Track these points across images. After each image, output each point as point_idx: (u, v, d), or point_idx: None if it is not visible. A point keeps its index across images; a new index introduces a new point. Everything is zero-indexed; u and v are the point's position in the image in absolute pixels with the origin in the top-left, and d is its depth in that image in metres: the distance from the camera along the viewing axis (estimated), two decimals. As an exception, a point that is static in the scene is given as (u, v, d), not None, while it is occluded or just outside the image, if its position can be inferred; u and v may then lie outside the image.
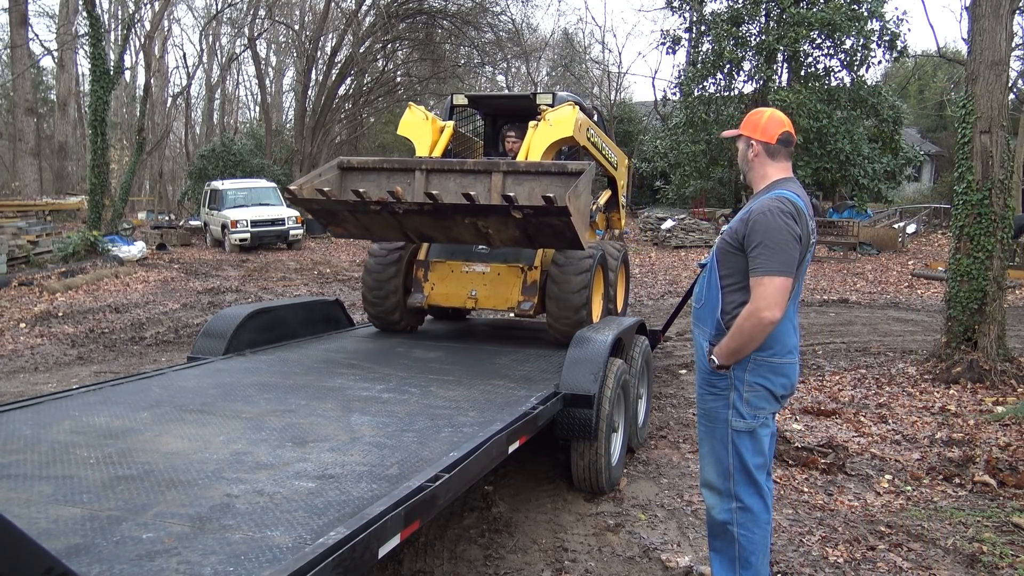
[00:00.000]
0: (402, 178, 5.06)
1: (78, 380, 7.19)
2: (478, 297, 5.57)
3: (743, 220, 2.82)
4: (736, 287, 2.87)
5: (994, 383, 6.91)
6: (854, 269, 17.14)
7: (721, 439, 2.91)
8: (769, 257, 2.70)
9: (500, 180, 4.91)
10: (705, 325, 2.97)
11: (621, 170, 7.10)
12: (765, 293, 2.70)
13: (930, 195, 30.16)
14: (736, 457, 2.87)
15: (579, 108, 5.97)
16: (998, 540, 3.82)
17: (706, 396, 2.98)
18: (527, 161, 5.09)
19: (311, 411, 3.49)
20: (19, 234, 16.27)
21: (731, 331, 2.81)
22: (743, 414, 2.86)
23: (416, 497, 2.37)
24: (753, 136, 2.93)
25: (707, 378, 2.95)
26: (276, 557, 1.97)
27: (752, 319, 2.73)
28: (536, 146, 5.40)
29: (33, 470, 2.60)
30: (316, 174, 5.02)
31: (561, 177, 4.83)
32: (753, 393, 2.86)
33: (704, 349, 2.97)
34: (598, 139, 6.13)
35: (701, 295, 3.01)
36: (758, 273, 2.73)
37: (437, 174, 5.05)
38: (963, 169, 7.41)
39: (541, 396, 3.90)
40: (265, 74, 36.09)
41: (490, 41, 25.93)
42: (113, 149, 27.09)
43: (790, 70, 22.95)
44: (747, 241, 2.78)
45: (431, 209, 4.43)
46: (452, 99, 6.52)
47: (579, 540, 3.81)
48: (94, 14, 17.37)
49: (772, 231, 2.71)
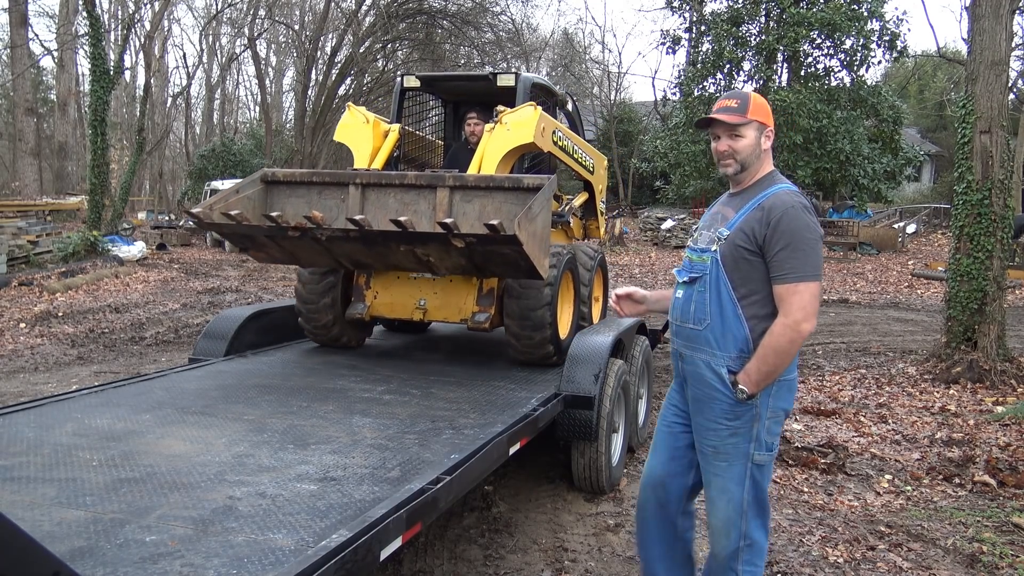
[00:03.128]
0: (334, 194, 4.52)
1: (78, 380, 7.20)
2: (427, 307, 4.82)
3: (760, 219, 2.46)
4: (755, 299, 2.50)
5: (994, 383, 6.92)
6: (854, 269, 17.15)
7: (737, 477, 2.56)
8: (803, 260, 2.39)
9: (446, 197, 4.33)
10: (718, 348, 2.54)
11: (598, 172, 6.28)
12: (803, 302, 2.38)
13: (930, 195, 30.19)
14: (752, 491, 2.56)
15: (543, 106, 5.40)
16: (998, 540, 3.83)
17: (722, 433, 2.56)
18: (476, 175, 4.43)
19: (312, 413, 3.49)
20: (19, 234, 16.26)
21: (761, 352, 2.43)
22: (767, 445, 2.55)
23: (418, 500, 2.38)
24: (768, 123, 2.62)
25: (728, 411, 2.53)
26: (279, 560, 1.98)
27: (790, 334, 2.39)
28: (491, 155, 4.73)
29: (36, 472, 2.61)
30: (233, 190, 4.44)
31: (516, 193, 4.27)
32: (775, 419, 2.56)
33: (721, 378, 2.54)
34: (567, 141, 5.40)
35: (703, 313, 2.57)
36: (791, 279, 2.39)
37: (374, 189, 4.48)
38: (963, 169, 7.42)
39: (542, 397, 3.91)
40: (265, 74, 36.09)
41: (490, 41, 25.91)
42: (113, 149, 27.06)
43: (790, 70, 22.96)
44: (770, 243, 2.43)
45: (358, 236, 3.89)
46: (402, 81, 5.60)
47: (579, 540, 3.82)
48: (94, 14, 17.37)
49: (802, 230, 2.41)
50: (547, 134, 4.89)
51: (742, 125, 2.58)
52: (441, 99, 6.14)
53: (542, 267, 3.86)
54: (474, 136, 5.31)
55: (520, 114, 4.76)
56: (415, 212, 4.36)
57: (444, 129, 6.25)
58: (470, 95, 5.96)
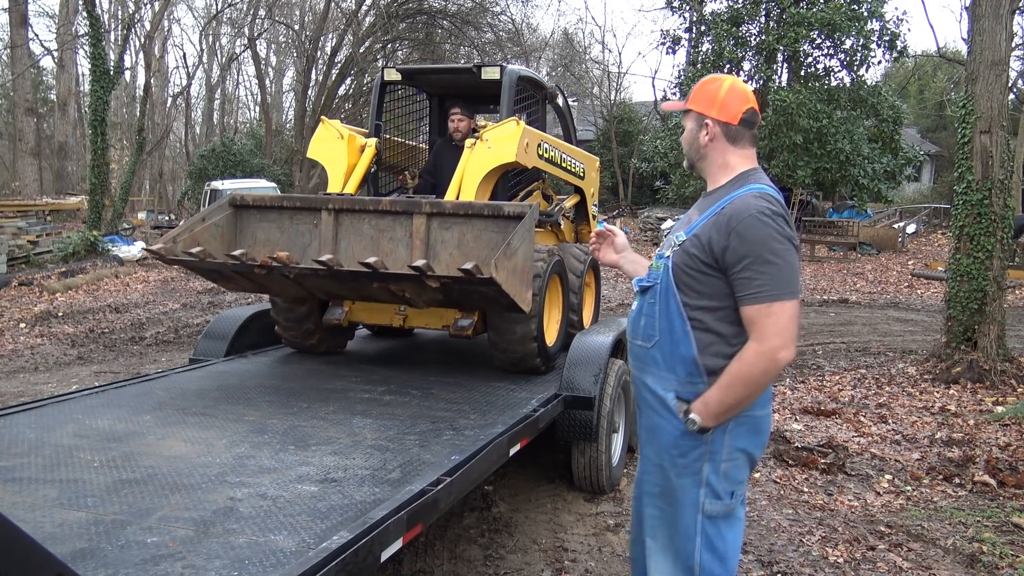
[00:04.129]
0: (306, 219, 4.31)
1: (78, 380, 7.21)
2: (407, 313, 4.60)
3: (717, 226, 2.08)
4: (707, 316, 2.12)
5: (994, 383, 6.93)
6: (854, 269, 17.15)
7: (686, 530, 2.14)
8: (775, 276, 2.00)
9: (423, 224, 4.11)
10: (665, 370, 2.18)
11: (590, 176, 5.96)
12: (780, 326, 1.99)
13: (930, 195, 30.18)
14: (708, 551, 2.12)
15: (531, 100, 5.25)
16: (998, 540, 3.83)
17: (666, 470, 2.18)
18: (454, 202, 4.19)
19: (313, 414, 3.50)
20: (19, 234, 16.28)
21: (727, 381, 2.05)
22: (719, 492, 2.12)
23: (418, 501, 2.38)
24: (708, 114, 2.20)
25: (675, 443, 2.16)
26: (280, 561, 1.98)
27: (764, 363, 2.01)
28: (472, 175, 4.49)
29: (37, 473, 2.61)
30: (199, 218, 4.24)
31: (497, 221, 4.06)
32: (732, 463, 2.13)
33: (667, 404, 2.18)
34: (555, 151, 5.11)
35: (653, 329, 2.21)
36: (763, 299, 2.01)
37: (348, 215, 4.26)
38: (963, 169, 7.43)
39: (542, 398, 3.92)
40: (265, 74, 36.09)
41: (490, 41, 25.91)
42: (113, 149, 27.10)
43: (790, 70, 22.96)
44: (730, 255, 2.05)
45: (328, 274, 3.72)
46: (383, 75, 5.26)
47: (579, 540, 3.83)
48: (94, 14, 17.39)
49: (768, 240, 2.01)
50: (531, 149, 4.66)
51: (684, 114, 2.27)
52: (425, 93, 5.91)
53: (524, 301, 3.72)
54: (458, 132, 5.15)
55: (502, 130, 4.52)
56: (391, 239, 4.18)
57: (429, 124, 6.01)
58: (454, 89, 5.70)
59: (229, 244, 4.28)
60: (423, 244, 4.06)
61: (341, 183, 4.72)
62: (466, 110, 5.20)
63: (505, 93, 4.85)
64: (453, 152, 4.99)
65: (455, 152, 4.91)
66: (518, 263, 3.62)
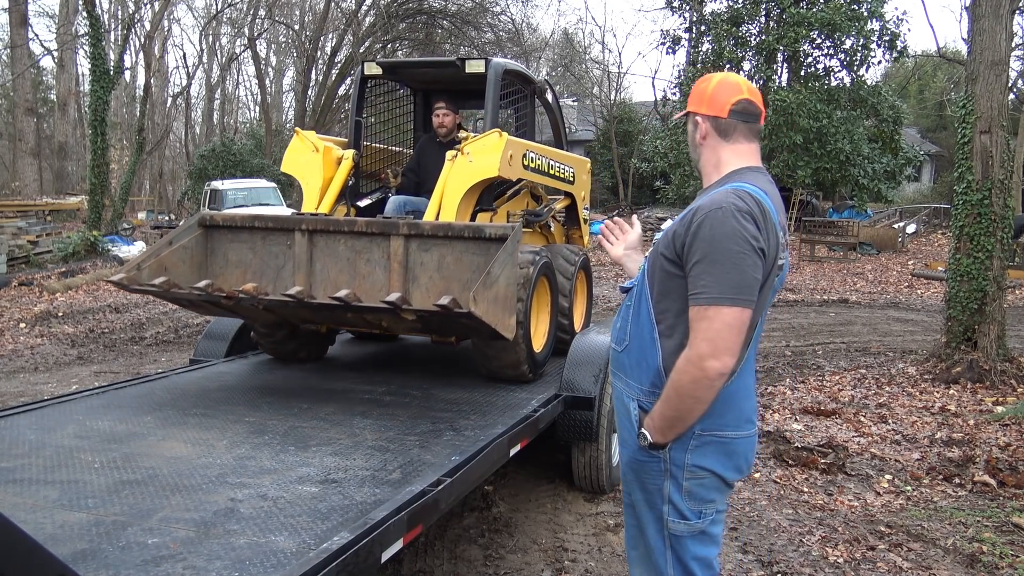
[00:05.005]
0: (279, 240, 4.09)
1: (78, 380, 7.22)
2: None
3: (685, 222, 1.97)
4: (673, 322, 2.00)
5: (994, 383, 6.93)
6: (854, 269, 17.16)
7: (655, 545, 2.06)
8: (718, 278, 1.85)
9: (401, 247, 3.86)
10: (631, 377, 2.10)
11: (581, 179, 5.69)
12: (711, 332, 1.84)
13: (930, 195, 30.19)
14: (680, 570, 2.04)
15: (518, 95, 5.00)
16: (998, 540, 3.84)
17: (631, 483, 2.12)
18: (433, 224, 3.92)
19: (313, 414, 3.50)
20: (19, 234, 16.29)
21: (664, 392, 1.95)
22: (683, 512, 2.01)
23: (419, 502, 2.39)
24: (698, 111, 2.11)
25: (633, 458, 2.08)
26: (280, 562, 1.98)
27: (692, 371, 1.87)
28: (452, 191, 4.27)
29: (38, 474, 2.61)
30: (166, 241, 4.04)
31: (478, 243, 3.81)
32: (697, 482, 2.00)
33: (630, 414, 2.10)
34: (541, 159, 4.89)
35: (625, 333, 2.13)
36: (701, 301, 1.86)
37: (322, 236, 4.03)
38: (963, 169, 7.43)
39: (542, 398, 3.92)
40: (265, 74, 36.10)
41: (490, 41, 25.90)
42: (113, 149, 27.10)
43: (790, 70, 22.99)
44: (687, 251, 1.93)
45: (298, 304, 3.58)
46: (363, 68, 5.02)
47: (579, 540, 3.83)
48: (94, 14, 17.39)
49: (723, 240, 1.86)
50: (516, 162, 4.45)
51: (687, 118, 2.18)
52: (409, 88, 5.68)
53: (507, 329, 3.49)
54: (443, 128, 5.00)
55: (484, 142, 4.30)
56: (368, 261, 3.97)
57: (413, 121, 5.80)
58: (439, 83, 5.45)
59: (200, 266, 4.12)
60: (401, 267, 3.84)
61: (316, 200, 4.51)
62: (451, 105, 5.02)
63: (490, 87, 4.64)
64: (438, 149, 4.87)
65: (440, 149, 4.78)
66: (499, 291, 3.41)
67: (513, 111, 5.22)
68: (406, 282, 3.86)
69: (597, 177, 29.94)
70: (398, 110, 5.72)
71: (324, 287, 3.90)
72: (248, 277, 4.06)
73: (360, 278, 3.93)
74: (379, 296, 3.67)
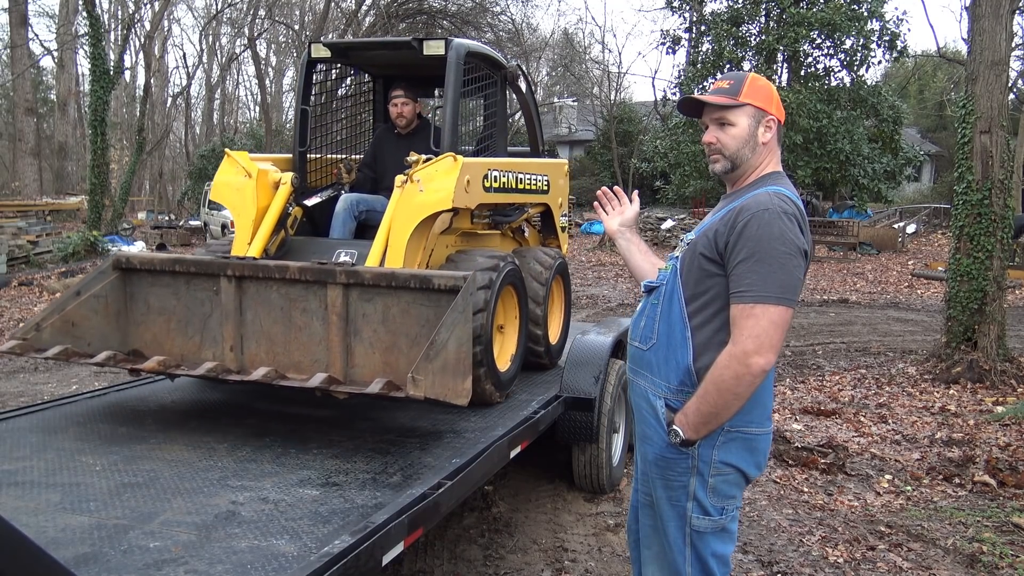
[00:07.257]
0: (205, 285, 3.55)
1: (78, 380, 7.22)
2: None
3: (727, 221, 1.99)
4: (709, 323, 2.03)
5: (994, 383, 6.94)
6: (854, 269, 17.16)
7: (674, 543, 2.08)
8: (766, 277, 1.88)
9: (339, 296, 3.32)
10: (658, 376, 2.10)
11: (557, 185, 5.08)
12: (757, 330, 1.88)
13: (930, 195, 30.21)
14: (697, 567, 2.06)
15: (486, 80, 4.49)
16: (998, 540, 3.84)
17: (654, 480, 2.12)
18: (375, 271, 3.32)
19: (313, 416, 3.51)
20: (19, 234, 16.29)
21: (702, 388, 1.97)
22: (707, 508, 2.04)
23: (419, 505, 2.39)
24: (769, 110, 2.08)
25: (660, 455, 2.09)
26: (282, 566, 1.99)
27: (736, 367, 1.90)
28: (400, 228, 3.64)
29: (40, 477, 2.62)
30: (72, 292, 3.52)
31: (426, 295, 3.25)
32: (722, 478, 2.03)
33: (657, 412, 2.10)
34: (507, 176, 4.30)
35: (652, 331, 2.13)
36: (747, 299, 1.90)
37: (252, 283, 3.48)
38: (963, 169, 7.44)
39: (542, 400, 3.92)
40: (265, 74, 36.08)
41: (490, 41, 25.91)
42: (113, 149, 27.07)
43: (790, 70, 22.97)
44: (730, 249, 1.96)
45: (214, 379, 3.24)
46: (310, 51, 4.44)
47: (579, 540, 3.84)
48: (94, 14, 17.39)
49: (771, 240, 1.89)
50: (475, 187, 3.87)
51: (731, 109, 2.06)
52: (367, 74, 5.10)
53: (459, 395, 3.00)
54: (401, 118, 4.51)
55: (437, 168, 3.70)
56: (304, 311, 3.45)
57: (373, 111, 5.16)
58: (398, 68, 4.82)
59: (117, 315, 3.64)
60: (341, 320, 3.33)
61: (248, 236, 3.85)
62: (410, 92, 4.51)
63: (451, 71, 4.06)
64: (396, 142, 4.51)
65: (398, 142, 4.47)
66: (448, 358, 2.94)
67: (481, 100, 4.71)
68: (347, 336, 3.34)
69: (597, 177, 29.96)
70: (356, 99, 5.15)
71: (256, 339, 3.45)
72: (172, 326, 3.60)
73: (296, 330, 3.42)
74: (316, 352, 3.34)
